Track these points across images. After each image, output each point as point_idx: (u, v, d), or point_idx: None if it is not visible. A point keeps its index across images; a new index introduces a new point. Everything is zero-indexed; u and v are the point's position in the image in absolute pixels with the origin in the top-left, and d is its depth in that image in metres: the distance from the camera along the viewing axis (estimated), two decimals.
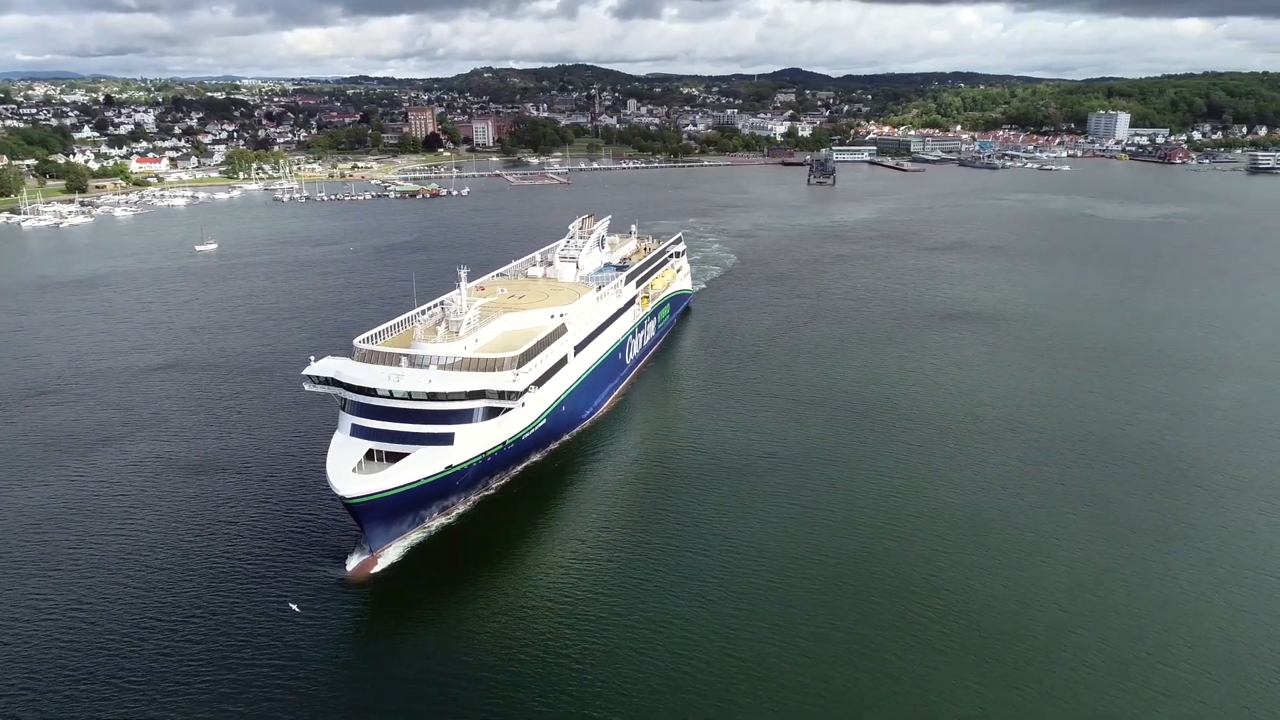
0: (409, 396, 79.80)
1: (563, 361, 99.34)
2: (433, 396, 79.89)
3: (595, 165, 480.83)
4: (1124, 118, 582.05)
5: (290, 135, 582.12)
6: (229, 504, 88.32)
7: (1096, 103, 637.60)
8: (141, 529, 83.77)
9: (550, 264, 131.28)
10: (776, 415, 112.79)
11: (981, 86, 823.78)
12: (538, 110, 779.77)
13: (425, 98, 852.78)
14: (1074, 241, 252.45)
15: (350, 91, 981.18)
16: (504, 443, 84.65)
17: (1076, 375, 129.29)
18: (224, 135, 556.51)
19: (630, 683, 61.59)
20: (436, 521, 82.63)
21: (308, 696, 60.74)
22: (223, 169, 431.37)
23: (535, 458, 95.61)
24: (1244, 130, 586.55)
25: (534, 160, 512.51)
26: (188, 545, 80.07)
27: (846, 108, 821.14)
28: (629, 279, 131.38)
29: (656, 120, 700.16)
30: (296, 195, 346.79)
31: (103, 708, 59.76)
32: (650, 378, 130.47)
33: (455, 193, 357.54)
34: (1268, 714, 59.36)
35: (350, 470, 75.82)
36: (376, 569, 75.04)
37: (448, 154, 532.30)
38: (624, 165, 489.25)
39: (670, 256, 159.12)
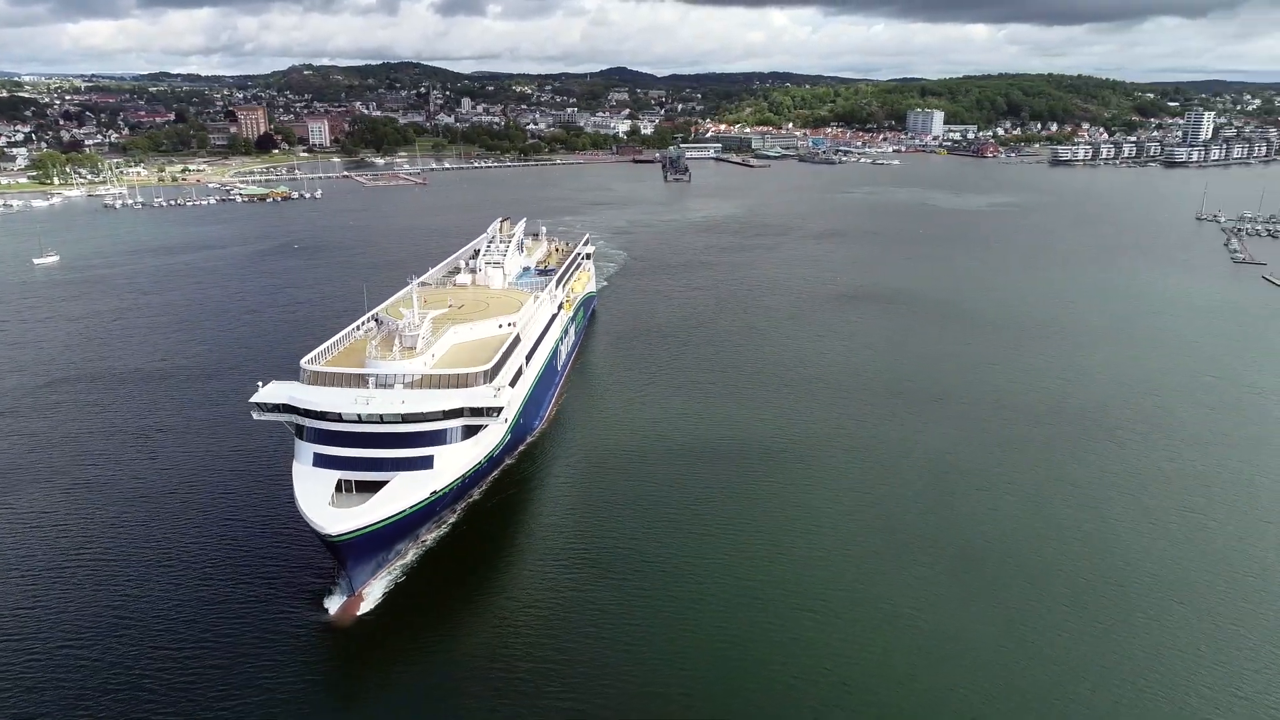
0: (380, 420, 74.55)
1: (519, 373, 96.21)
2: (407, 418, 74.84)
3: (447, 165, 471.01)
4: (939, 115, 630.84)
5: (99, 136, 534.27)
6: (182, 538, 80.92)
7: (913, 101, 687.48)
8: (90, 571, 75.96)
9: (474, 271, 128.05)
10: (719, 399, 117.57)
11: (807, 86, 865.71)
12: (367, 109, 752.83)
13: (240, 96, 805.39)
14: (928, 228, 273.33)
15: (153, 89, 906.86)
16: (480, 461, 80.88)
17: (975, 347, 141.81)
18: (19, 137, 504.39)
19: (635, 691, 61.56)
20: (415, 548, 77.96)
21: None
22: (31, 174, 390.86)
23: (508, 461, 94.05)
24: (1039, 126, 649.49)
25: (379, 161, 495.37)
26: (146, 591, 72.76)
27: (680, 106, 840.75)
28: (557, 283, 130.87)
29: (494, 119, 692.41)
30: (130, 201, 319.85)
31: None
32: (583, 381, 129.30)
33: (308, 195, 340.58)
34: (1204, 623, 69.26)
35: (327, 505, 69.46)
36: (362, 610, 69.46)
37: (283, 155, 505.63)
38: (476, 164, 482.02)
39: (582, 259, 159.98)
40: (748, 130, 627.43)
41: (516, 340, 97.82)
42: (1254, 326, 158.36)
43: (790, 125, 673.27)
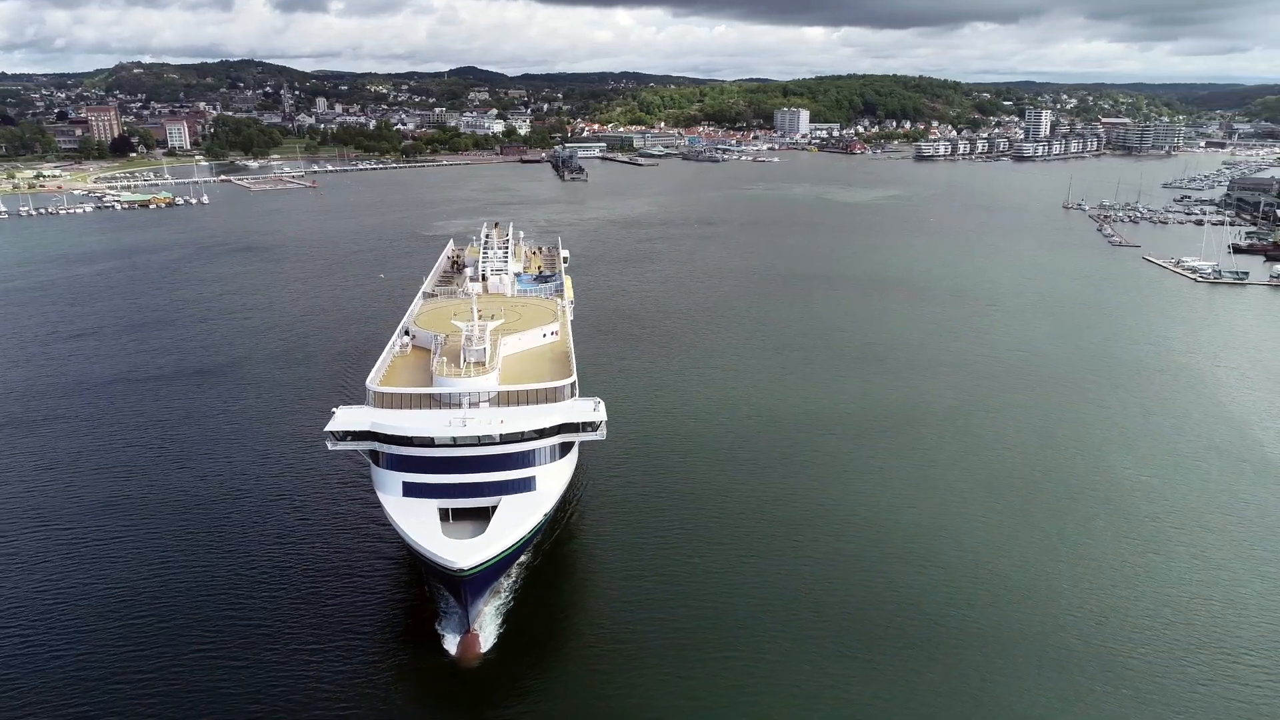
0: (478, 442, 69.89)
1: None
2: (506, 438, 70.18)
3: (330, 167, 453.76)
4: (805, 114, 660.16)
5: None
6: (249, 558, 77.21)
7: (777, 100, 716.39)
8: (163, 595, 71.50)
9: (484, 278, 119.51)
10: (727, 379, 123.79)
11: (673, 86, 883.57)
12: (213, 109, 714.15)
13: (64, 96, 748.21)
14: (843, 220, 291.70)
15: None
16: (570, 479, 77.61)
17: (937, 321, 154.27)
18: None
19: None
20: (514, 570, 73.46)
21: None
22: None
23: None
24: (894, 124, 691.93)
25: (252, 164, 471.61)
26: (234, 624, 67.86)
27: (546, 106, 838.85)
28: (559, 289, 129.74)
29: (357, 119, 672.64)
30: None
31: None
32: (589, 380, 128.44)
33: (193, 201, 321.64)
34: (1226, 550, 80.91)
35: (442, 537, 64.97)
36: (484, 648, 64.89)
37: (141, 159, 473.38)
38: (359, 166, 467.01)
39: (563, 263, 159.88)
40: (621, 130, 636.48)
41: (569, 349, 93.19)
42: (1157, 300, 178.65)
43: (662, 124, 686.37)
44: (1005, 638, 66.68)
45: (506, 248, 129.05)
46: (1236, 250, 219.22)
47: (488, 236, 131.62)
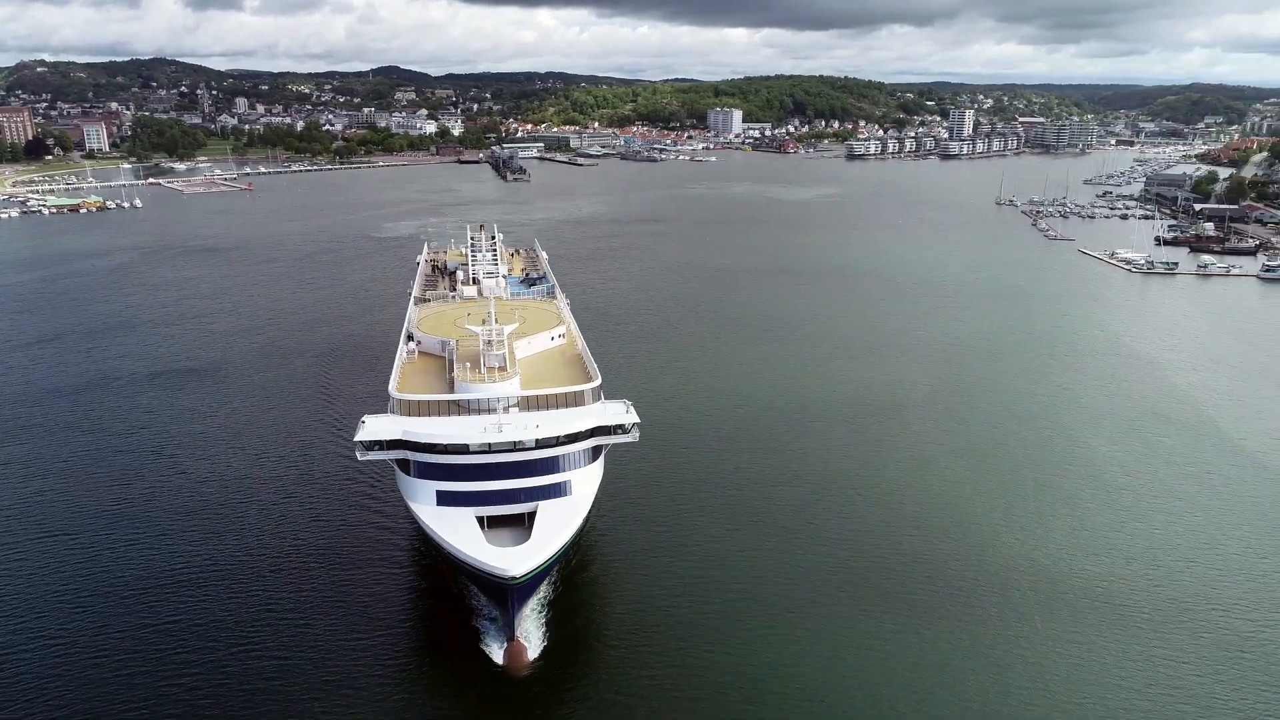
0: (513, 447, 69.33)
1: None
2: (541, 443, 69.25)
3: (263, 169, 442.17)
4: (738, 114, 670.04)
5: None
6: (267, 559, 76.71)
7: (709, 100, 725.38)
8: (181, 594, 71.27)
9: (476, 281, 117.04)
10: (715, 369, 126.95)
11: (605, 86, 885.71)
12: (126, 109, 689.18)
13: None
14: (788, 217, 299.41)
15: None
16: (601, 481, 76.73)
17: (902, 308, 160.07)
18: None
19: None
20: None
21: None
22: None
23: None
24: (823, 123, 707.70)
25: (179, 166, 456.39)
26: (269, 622, 67.74)
27: (476, 107, 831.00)
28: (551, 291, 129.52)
29: (280, 119, 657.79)
30: None
31: None
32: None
33: (126, 205, 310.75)
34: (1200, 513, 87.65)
35: (488, 545, 63.85)
36: (531, 656, 63.96)
37: (58, 161, 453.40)
38: (292, 168, 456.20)
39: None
40: (556, 130, 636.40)
41: (580, 350, 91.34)
42: (1098, 290, 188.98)
43: (596, 124, 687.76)
44: (1015, 596, 71.83)
45: (495, 250, 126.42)
46: (1163, 243, 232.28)
47: (473, 239, 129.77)
